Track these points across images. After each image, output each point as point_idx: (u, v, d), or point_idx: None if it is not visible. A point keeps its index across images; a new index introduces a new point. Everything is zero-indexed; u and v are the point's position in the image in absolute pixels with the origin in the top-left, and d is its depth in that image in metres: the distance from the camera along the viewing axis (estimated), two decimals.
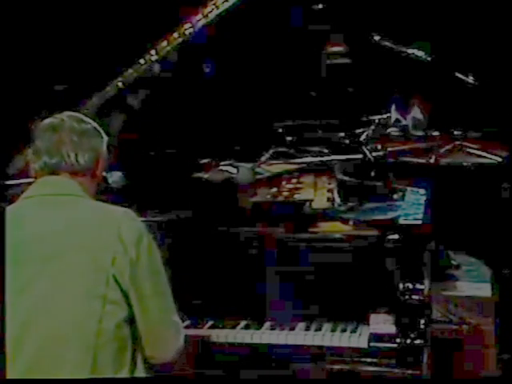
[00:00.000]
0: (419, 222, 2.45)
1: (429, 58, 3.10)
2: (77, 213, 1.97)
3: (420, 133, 3.23)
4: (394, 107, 3.24)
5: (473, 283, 2.78)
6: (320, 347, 2.37)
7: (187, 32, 2.98)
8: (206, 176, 3.09)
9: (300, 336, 2.41)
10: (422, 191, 2.72)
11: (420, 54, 3.09)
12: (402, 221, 2.47)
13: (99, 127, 2.13)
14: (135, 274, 1.92)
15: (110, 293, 1.89)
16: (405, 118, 3.24)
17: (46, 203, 1.99)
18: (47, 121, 2.07)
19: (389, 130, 3.25)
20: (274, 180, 3.03)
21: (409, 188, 2.76)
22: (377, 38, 3.12)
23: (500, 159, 2.93)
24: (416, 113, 3.22)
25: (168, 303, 2.03)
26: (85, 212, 1.98)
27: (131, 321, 1.95)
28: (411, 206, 2.58)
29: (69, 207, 1.99)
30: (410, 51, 3.10)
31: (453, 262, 2.77)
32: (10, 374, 1.85)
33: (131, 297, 1.92)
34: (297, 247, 2.53)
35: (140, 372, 1.99)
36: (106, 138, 2.14)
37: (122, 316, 1.92)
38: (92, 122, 2.13)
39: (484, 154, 3.00)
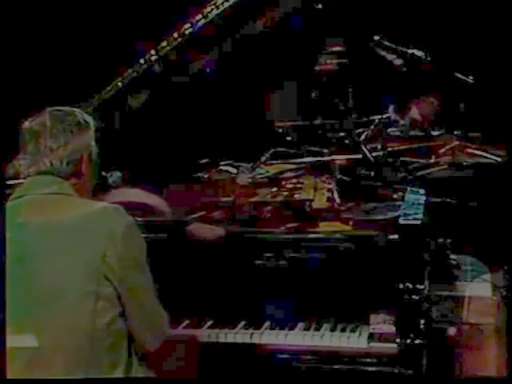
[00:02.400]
0: (419, 222, 2.44)
1: (429, 58, 3.10)
2: (66, 211, 1.98)
3: (418, 132, 3.23)
4: (392, 107, 3.25)
5: (473, 283, 2.78)
6: (320, 347, 2.37)
7: (187, 32, 2.98)
8: (205, 176, 3.10)
9: (299, 336, 2.40)
10: (422, 191, 2.72)
11: (420, 54, 3.10)
12: (401, 221, 2.47)
13: (86, 119, 2.12)
14: (125, 269, 1.93)
15: (102, 289, 1.90)
16: (403, 118, 3.25)
17: (34, 203, 2.00)
18: (28, 124, 2.07)
19: (389, 130, 3.25)
20: (274, 180, 3.03)
21: (409, 188, 2.76)
22: (376, 37, 3.12)
23: (500, 159, 2.94)
24: (413, 113, 3.23)
25: (155, 295, 2.06)
26: (73, 210, 1.98)
27: (124, 316, 1.96)
28: (411, 206, 2.58)
29: (58, 206, 1.99)
30: (409, 51, 3.10)
31: (453, 262, 2.77)
32: (10, 374, 1.86)
33: (121, 291, 1.93)
34: (297, 247, 2.52)
35: (136, 368, 2.00)
36: (93, 129, 2.13)
37: (114, 312, 1.93)
38: (78, 114, 2.11)
39: (484, 153, 3.00)
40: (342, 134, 3.19)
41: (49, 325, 1.89)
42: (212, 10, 2.94)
